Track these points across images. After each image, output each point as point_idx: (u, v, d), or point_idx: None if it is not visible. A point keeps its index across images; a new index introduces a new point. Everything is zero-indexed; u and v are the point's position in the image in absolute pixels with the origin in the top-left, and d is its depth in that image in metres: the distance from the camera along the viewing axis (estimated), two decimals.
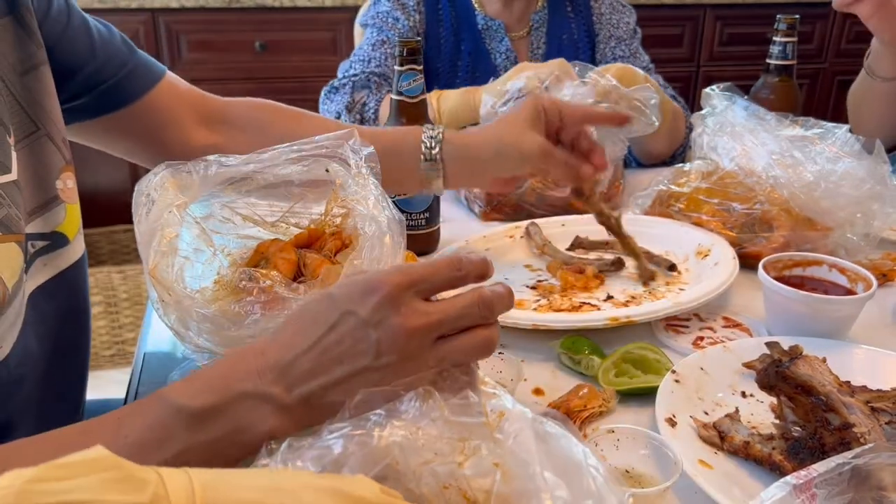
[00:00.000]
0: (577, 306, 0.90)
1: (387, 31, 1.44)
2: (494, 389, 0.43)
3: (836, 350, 0.77)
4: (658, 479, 0.61)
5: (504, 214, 1.21)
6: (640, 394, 0.74)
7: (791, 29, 1.27)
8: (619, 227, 0.99)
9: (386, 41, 1.44)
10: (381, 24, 1.45)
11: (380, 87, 1.40)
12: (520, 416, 0.40)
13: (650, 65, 1.56)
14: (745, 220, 1.02)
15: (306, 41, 2.62)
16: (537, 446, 0.39)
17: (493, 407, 0.41)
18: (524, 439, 0.39)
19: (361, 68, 1.42)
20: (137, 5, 2.44)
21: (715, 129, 1.11)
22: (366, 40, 1.47)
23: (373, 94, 1.38)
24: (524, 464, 0.38)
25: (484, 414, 0.41)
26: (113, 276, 2.38)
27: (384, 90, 1.39)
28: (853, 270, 0.86)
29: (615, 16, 1.55)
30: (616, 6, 1.56)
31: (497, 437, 0.40)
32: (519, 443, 0.39)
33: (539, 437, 0.40)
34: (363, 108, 1.37)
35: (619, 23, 1.54)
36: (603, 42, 1.54)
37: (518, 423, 0.39)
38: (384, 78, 1.42)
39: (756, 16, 2.88)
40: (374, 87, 1.39)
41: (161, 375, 0.80)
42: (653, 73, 1.55)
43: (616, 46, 1.54)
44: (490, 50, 1.49)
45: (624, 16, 1.56)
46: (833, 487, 0.49)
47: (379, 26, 1.45)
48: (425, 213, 1.05)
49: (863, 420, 0.60)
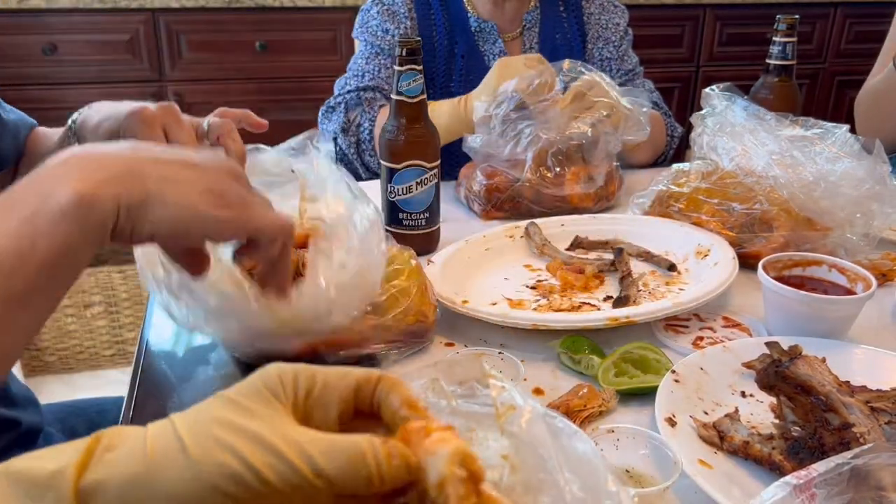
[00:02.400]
0: (576, 306, 0.90)
1: (378, 45, 1.44)
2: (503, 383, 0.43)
3: (836, 350, 0.77)
4: (658, 478, 0.61)
5: (504, 213, 1.21)
6: (640, 394, 0.74)
7: (791, 29, 1.27)
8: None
9: (379, 53, 1.44)
10: (371, 39, 1.45)
11: (372, 103, 1.40)
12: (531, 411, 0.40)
13: (638, 67, 1.56)
14: (744, 220, 1.02)
15: (306, 41, 2.62)
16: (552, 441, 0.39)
17: (502, 400, 0.41)
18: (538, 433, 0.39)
19: (356, 84, 1.42)
20: (137, 5, 2.44)
21: (715, 129, 1.11)
22: (359, 53, 1.48)
23: (366, 112, 1.38)
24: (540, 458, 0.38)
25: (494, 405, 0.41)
26: (113, 276, 2.38)
27: (377, 105, 1.39)
28: (853, 270, 0.86)
29: (605, 16, 1.55)
30: (607, 6, 1.55)
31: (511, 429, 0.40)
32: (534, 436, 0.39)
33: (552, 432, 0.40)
34: (358, 129, 1.38)
35: (609, 23, 1.54)
36: (591, 42, 1.54)
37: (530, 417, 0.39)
38: (378, 90, 1.42)
39: (756, 16, 2.88)
40: (366, 105, 1.39)
41: (161, 375, 0.81)
42: (640, 77, 1.55)
43: (604, 47, 1.53)
44: (484, 52, 1.49)
45: (614, 16, 1.55)
46: (833, 487, 0.49)
47: (370, 40, 1.45)
48: (425, 213, 1.05)
49: (862, 420, 0.60)
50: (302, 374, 0.34)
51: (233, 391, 0.33)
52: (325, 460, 0.31)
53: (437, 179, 1.05)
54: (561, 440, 0.40)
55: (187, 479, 0.29)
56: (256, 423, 0.31)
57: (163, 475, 0.30)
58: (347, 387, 0.35)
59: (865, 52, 3.06)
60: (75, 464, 0.30)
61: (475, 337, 0.86)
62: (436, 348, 0.84)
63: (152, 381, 0.80)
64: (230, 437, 0.30)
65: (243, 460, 0.30)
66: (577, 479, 0.38)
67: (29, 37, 2.44)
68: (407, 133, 1.01)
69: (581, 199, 1.20)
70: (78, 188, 0.50)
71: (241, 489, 0.30)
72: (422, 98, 1.01)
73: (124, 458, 0.30)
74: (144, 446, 0.31)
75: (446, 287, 0.91)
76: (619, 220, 1.13)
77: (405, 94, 1.00)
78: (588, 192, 1.20)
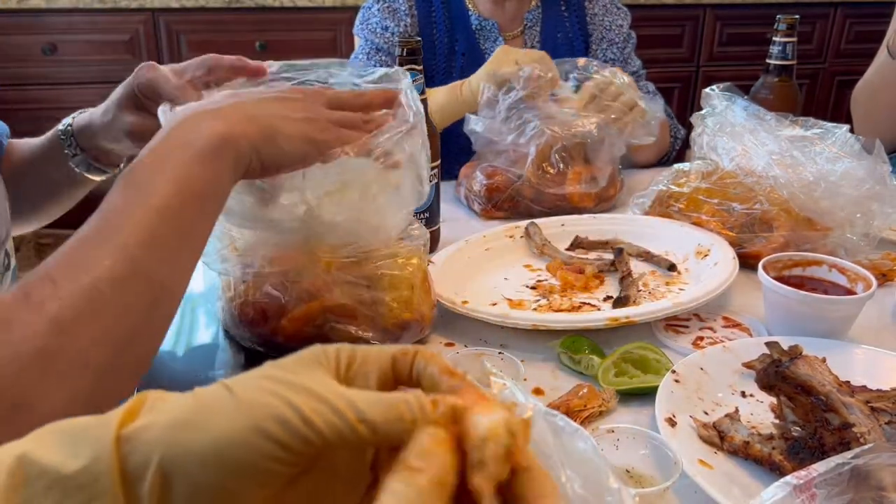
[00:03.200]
0: (576, 306, 0.90)
1: (377, 42, 1.45)
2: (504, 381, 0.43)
3: (836, 350, 0.77)
4: (658, 479, 0.61)
5: (504, 212, 1.21)
6: (640, 394, 0.74)
7: (791, 29, 1.27)
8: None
9: (378, 50, 1.44)
10: (370, 36, 1.45)
11: None
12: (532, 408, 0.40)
13: (641, 70, 1.57)
14: (744, 220, 1.02)
15: (306, 41, 2.62)
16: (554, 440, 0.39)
17: (504, 398, 0.41)
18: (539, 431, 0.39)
19: None
20: (137, 5, 2.44)
21: (715, 129, 1.11)
22: (359, 49, 1.48)
23: None
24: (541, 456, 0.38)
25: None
26: None
27: None
28: (853, 270, 0.86)
29: (608, 18, 1.55)
30: (610, 8, 1.56)
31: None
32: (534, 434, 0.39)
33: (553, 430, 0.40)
34: None
35: (612, 25, 1.54)
36: (595, 43, 1.54)
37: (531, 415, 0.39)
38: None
39: (756, 16, 2.88)
40: None
41: (161, 375, 0.80)
42: (643, 79, 1.55)
43: (608, 49, 1.54)
44: (484, 50, 1.49)
45: (617, 18, 1.55)
46: (833, 487, 0.49)
47: (369, 38, 1.46)
48: (425, 214, 1.05)
49: (863, 420, 0.60)
50: (342, 350, 0.34)
51: (275, 364, 0.33)
52: (369, 406, 0.30)
53: (436, 179, 1.05)
54: (562, 438, 0.40)
55: (234, 422, 0.29)
56: (301, 378, 0.31)
57: (210, 419, 0.29)
58: (386, 360, 0.35)
59: (865, 52, 3.05)
60: (119, 414, 0.30)
61: (475, 337, 0.86)
62: (436, 348, 0.84)
63: (152, 381, 0.79)
64: (277, 387, 0.30)
65: (290, 403, 0.29)
66: (578, 477, 0.38)
67: (29, 37, 2.44)
68: None
69: (581, 198, 1.20)
70: (220, 130, 0.59)
71: (287, 434, 0.29)
72: (422, 98, 1.01)
73: (169, 407, 0.30)
74: (192, 396, 0.30)
75: (446, 287, 0.91)
76: (619, 220, 1.13)
77: None
78: (589, 192, 1.20)
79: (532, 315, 0.87)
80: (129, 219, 0.55)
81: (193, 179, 0.58)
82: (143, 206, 0.56)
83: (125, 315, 0.54)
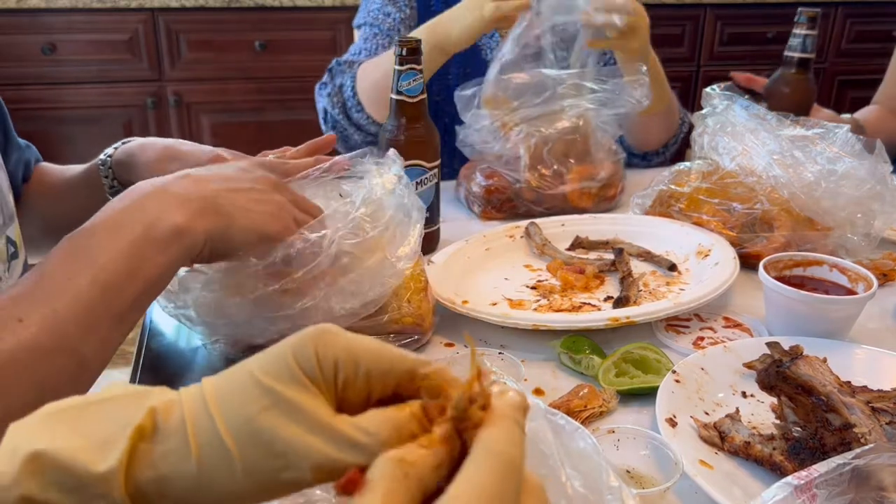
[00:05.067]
0: (577, 306, 0.90)
1: (378, 25, 1.45)
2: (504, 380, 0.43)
3: (837, 350, 0.77)
4: (658, 479, 0.61)
5: (503, 213, 1.21)
6: (641, 394, 0.73)
7: (812, 22, 1.25)
8: None
9: (378, 33, 1.44)
10: (372, 21, 1.46)
11: (352, 65, 1.39)
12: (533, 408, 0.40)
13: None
14: (745, 220, 1.02)
15: (306, 41, 2.62)
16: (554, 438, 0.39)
17: None
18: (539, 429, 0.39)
19: (348, 59, 1.42)
20: (137, 5, 2.44)
21: (715, 129, 1.11)
22: (360, 36, 1.48)
23: (346, 73, 1.37)
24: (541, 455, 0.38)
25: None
26: None
27: (356, 66, 1.38)
28: (854, 270, 0.86)
29: None
30: None
31: None
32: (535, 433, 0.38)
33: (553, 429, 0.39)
34: (341, 90, 1.36)
35: None
36: None
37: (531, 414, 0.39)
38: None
39: (756, 16, 2.88)
40: (346, 68, 1.39)
41: (161, 374, 0.80)
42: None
43: None
44: (481, 44, 1.49)
45: None
46: (834, 488, 0.49)
47: (371, 22, 1.46)
48: (425, 214, 1.04)
49: (863, 420, 0.60)
50: (342, 361, 0.32)
51: (265, 374, 0.31)
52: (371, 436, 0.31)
53: (437, 179, 1.05)
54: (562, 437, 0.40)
55: (240, 483, 0.30)
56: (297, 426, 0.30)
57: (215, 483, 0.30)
58: (388, 384, 0.34)
59: (866, 52, 3.06)
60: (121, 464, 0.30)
61: (475, 337, 0.86)
62: (436, 348, 0.84)
63: (152, 381, 0.79)
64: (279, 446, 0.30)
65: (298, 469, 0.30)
66: (578, 476, 0.38)
67: (28, 36, 2.44)
68: (407, 133, 1.01)
69: (580, 197, 1.20)
70: (178, 221, 0.60)
71: (297, 488, 0.31)
72: (422, 98, 1.01)
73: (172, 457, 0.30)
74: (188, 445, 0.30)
75: (446, 287, 0.90)
76: (619, 220, 1.13)
77: (405, 94, 0.99)
78: (589, 190, 1.19)
79: (532, 315, 0.87)
80: (69, 290, 0.55)
81: (147, 263, 0.58)
82: (87, 277, 0.55)
83: (40, 386, 0.52)
